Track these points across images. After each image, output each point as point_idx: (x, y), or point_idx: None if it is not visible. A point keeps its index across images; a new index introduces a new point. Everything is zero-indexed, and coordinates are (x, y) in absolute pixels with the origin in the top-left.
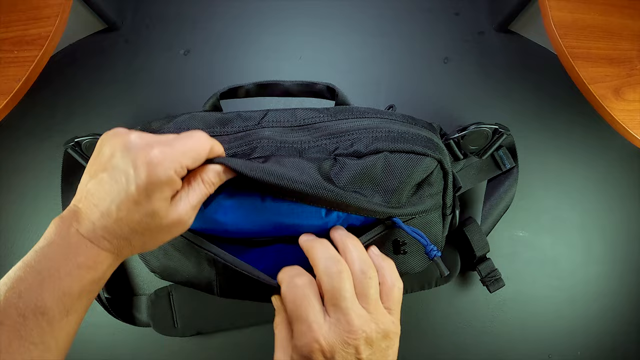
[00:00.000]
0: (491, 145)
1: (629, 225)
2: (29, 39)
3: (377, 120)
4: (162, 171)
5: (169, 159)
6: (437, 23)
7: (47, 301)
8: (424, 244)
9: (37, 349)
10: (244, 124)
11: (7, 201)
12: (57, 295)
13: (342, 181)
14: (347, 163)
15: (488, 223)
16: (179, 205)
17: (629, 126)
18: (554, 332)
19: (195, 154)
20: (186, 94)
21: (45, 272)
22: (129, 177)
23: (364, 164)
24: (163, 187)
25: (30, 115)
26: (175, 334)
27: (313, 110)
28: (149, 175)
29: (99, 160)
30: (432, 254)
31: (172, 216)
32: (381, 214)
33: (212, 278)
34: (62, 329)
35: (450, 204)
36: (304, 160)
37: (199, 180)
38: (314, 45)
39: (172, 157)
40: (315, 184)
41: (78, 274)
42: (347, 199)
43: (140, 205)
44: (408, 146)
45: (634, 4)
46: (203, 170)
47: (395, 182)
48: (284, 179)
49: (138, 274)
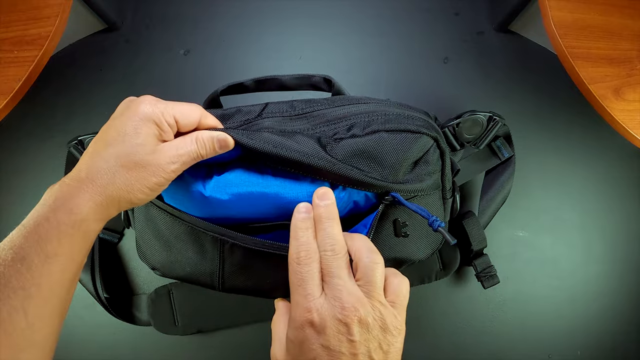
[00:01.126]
0: (487, 134)
1: (629, 225)
2: (29, 39)
3: (373, 105)
4: (148, 107)
5: (158, 104)
6: (437, 23)
7: (25, 247)
8: (426, 216)
9: (16, 295)
10: (245, 117)
11: (7, 202)
12: (34, 239)
13: (339, 156)
14: (344, 141)
15: (486, 216)
16: (165, 146)
17: (629, 126)
18: (554, 332)
19: (183, 111)
20: (186, 94)
21: (27, 223)
22: (122, 117)
23: (361, 141)
24: (148, 122)
25: (31, 116)
26: (175, 333)
27: (311, 100)
28: (136, 111)
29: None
30: (436, 224)
31: (156, 153)
32: (378, 187)
33: (214, 268)
34: (42, 274)
35: (449, 187)
36: (304, 136)
37: (192, 137)
38: (313, 45)
39: (161, 104)
40: (313, 152)
41: (55, 216)
42: (344, 170)
43: (128, 136)
44: (404, 126)
45: (634, 4)
46: (199, 132)
47: (392, 159)
48: (282, 147)
49: (138, 274)
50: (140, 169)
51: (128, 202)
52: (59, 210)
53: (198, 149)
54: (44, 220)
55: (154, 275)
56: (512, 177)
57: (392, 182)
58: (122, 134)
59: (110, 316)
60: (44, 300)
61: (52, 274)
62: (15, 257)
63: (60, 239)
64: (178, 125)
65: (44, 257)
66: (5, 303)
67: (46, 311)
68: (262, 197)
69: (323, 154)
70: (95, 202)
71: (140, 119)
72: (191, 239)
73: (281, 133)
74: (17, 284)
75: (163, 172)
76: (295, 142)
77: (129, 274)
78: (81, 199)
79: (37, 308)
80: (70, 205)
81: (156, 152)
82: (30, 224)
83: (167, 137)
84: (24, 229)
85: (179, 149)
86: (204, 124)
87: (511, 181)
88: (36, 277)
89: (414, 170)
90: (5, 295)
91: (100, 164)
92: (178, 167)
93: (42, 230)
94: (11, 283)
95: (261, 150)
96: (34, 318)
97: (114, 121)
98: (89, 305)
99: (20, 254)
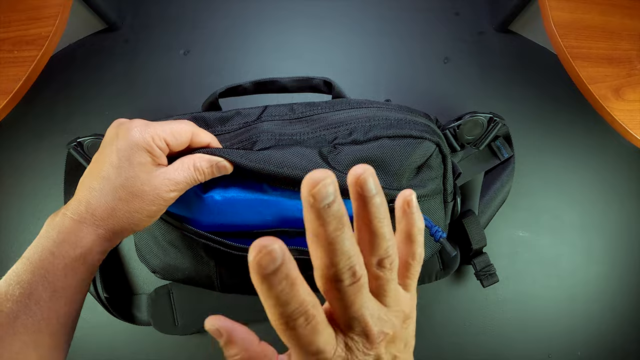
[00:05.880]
0: (487, 134)
1: (629, 225)
2: (29, 39)
3: (374, 109)
4: (138, 134)
5: (147, 129)
6: (437, 23)
7: (32, 283)
8: (428, 225)
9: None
10: (244, 120)
11: (7, 202)
12: (41, 274)
13: (341, 165)
14: (346, 149)
15: (486, 216)
16: (160, 174)
17: (629, 126)
18: (554, 332)
19: (174, 132)
20: (186, 94)
21: (34, 258)
22: (112, 147)
23: (363, 149)
24: (140, 150)
25: (31, 115)
26: (175, 332)
27: (311, 103)
28: (126, 139)
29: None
30: (438, 235)
31: (153, 180)
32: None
33: (211, 272)
34: (50, 309)
35: (450, 190)
36: (303, 147)
37: (190, 163)
38: (313, 45)
39: (150, 128)
40: (315, 167)
41: (60, 250)
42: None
43: (122, 169)
44: (406, 131)
45: (634, 4)
46: (196, 157)
47: (395, 165)
48: (284, 166)
49: (138, 274)
50: (139, 199)
51: (130, 231)
52: (64, 244)
53: (196, 176)
54: (49, 254)
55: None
56: (512, 177)
57: (396, 188)
58: (115, 167)
59: (110, 316)
60: (53, 333)
61: (60, 307)
62: (23, 292)
63: (67, 274)
64: (170, 147)
65: (52, 292)
66: (17, 338)
67: (55, 343)
68: (262, 204)
69: (325, 167)
70: (98, 235)
71: (131, 147)
72: (185, 244)
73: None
74: (26, 320)
75: (162, 200)
76: (296, 156)
77: (129, 274)
78: (84, 233)
79: (46, 342)
80: (74, 239)
81: (152, 179)
82: (36, 259)
83: (160, 161)
84: (29, 264)
85: (177, 176)
86: (196, 142)
87: (511, 181)
88: (45, 312)
89: (418, 176)
90: (16, 331)
91: (99, 199)
92: (176, 194)
93: (48, 265)
94: (20, 318)
95: (263, 171)
96: (45, 351)
97: (105, 150)
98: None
99: (28, 289)
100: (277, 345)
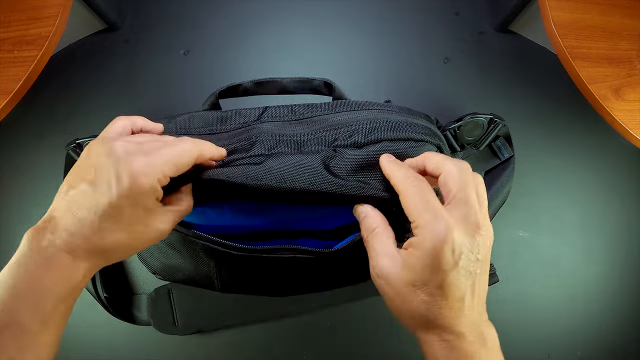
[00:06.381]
0: (487, 135)
1: (629, 225)
2: (29, 39)
3: (375, 111)
4: (144, 180)
5: (151, 169)
6: (437, 23)
7: (22, 315)
8: None
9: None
10: (243, 120)
11: (7, 202)
12: (31, 307)
13: (343, 171)
14: (347, 153)
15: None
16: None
17: (629, 126)
18: (554, 332)
19: (178, 163)
20: (186, 94)
21: (20, 286)
22: (111, 186)
23: (364, 153)
24: (145, 196)
25: (31, 115)
26: (175, 332)
27: (311, 105)
28: (131, 185)
29: (82, 170)
30: None
31: (156, 221)
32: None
33: (211, 272)
34: (42, 341)
35: None
36: (304, 155)
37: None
38: (313, 45)
39: (154, 167)
40: (318, 179)
41: (52, 286)
42: (352, 189)
43: (123, 214)
44: (407, 134)
45: (634, 4)
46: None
47: None
48: (286, 181)
49: (138, 274)
50: (140, 236)
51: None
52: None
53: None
54: (39, 283)
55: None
56: (512, 177)
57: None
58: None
59: (110, 316)
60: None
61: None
62: (10, 322)
63: (57, 306)
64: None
65: (40, 324)
66: None
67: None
68: (259, 210)
69: (329, 176)
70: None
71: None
72: (184, 246)
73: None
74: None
75: (163, 235)
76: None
77: (129, 274)
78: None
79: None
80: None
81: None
82: (22, 287)
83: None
84: (16, 292)
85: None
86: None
87: (511, 181)
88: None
89: None
90: None
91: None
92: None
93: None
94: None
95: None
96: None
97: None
98: (89, 305)
99: (16, 319)
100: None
